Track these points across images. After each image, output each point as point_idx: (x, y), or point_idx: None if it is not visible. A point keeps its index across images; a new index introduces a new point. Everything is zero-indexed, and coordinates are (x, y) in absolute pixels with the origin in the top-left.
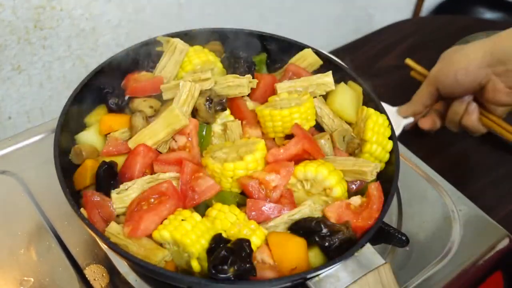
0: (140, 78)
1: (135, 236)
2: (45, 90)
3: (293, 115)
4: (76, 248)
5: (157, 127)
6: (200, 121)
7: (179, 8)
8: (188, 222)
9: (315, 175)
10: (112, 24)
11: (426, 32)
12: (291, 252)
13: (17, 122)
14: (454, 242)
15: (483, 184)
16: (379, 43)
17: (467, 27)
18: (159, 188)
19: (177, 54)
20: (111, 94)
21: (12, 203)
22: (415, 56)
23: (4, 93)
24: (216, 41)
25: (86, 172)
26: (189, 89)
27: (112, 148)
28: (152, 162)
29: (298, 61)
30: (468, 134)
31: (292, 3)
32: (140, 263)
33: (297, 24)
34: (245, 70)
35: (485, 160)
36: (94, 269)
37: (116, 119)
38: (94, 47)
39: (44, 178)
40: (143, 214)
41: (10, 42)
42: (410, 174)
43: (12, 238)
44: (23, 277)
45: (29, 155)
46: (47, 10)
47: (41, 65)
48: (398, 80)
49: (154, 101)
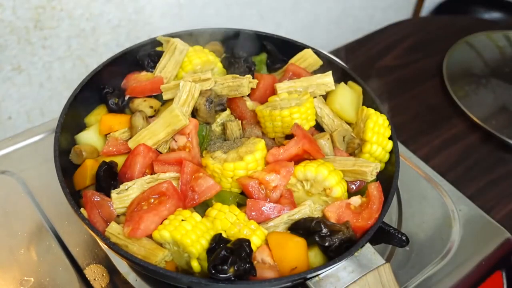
0: (140, 78)
1: (135, 236)
2: (45, 90)
3: (293, 115)
4: (76, 248)
5: (157, 127)
6: (200, 121)
7: (179, 8)
8: (188, 222)
9: (315, 175)
10: (112, 24)
11: (426, 32)
12: (291, 252)
13: (17, 122)
14: (454, 242)
15: (483, 184)
16: (379, 43)
17: (467, 27)
18: (159, 188)
19: (177, 54)
20: (111, 94)
21: (12, 203)
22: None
23: (4, 93)
24: (216, 41)
25: (86, 172)
26: (189, 89)
27: (112, 148)
28: (152, 162)
29: (298, 61)
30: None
31: (292, 3)
32: (140, 263)
33: (297, 24)
34: (245, 70)
35: (485, 160)
36: (94, 269)
37: (116, 119)
38: (94, 47)
39: (44, 178)
40: (143, 214)
41: (11, 42)
42: (410, 174)
43: (12, 238)
44: (23, 276)
45: (29, 155)
46: (47, 10)
47: (41, 65)
48: (398, 80)
49: (154, 101)
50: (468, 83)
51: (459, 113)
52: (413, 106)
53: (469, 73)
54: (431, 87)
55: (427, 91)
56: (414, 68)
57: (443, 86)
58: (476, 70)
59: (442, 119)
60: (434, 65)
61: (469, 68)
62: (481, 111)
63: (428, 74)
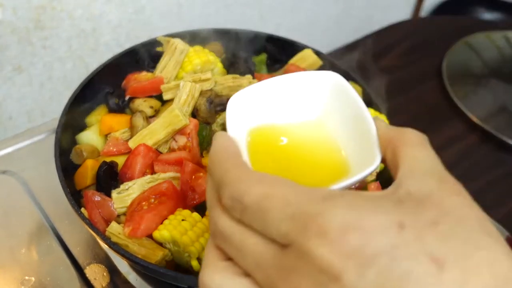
0: (140, 78)
1: (136, 236)
2: (46, 90)
3: None
4: (76, 247)
5: (157, 127)
6: (200, 121)
7: (179, 8)
8: (188, 221)
9: None
10: (112, 25)
11: (426, 32)
12: None
13: (17, 122)
14: None
15: (483, 184)
16: (379, 43)
17: (467, 28)
18: (159, 188)
19: (177, 54)
20: (112, 94)
21: (12, 203)
22: (415, 56)
23: (5, 93)
24: (216, 41)
25: (87, 172)
26: (189, 90)
27: (113, 148)
28: (152, 162)
29: (298, 61)
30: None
31: (292, 3)
32: (140, 262)
33: (297, 24)
34: (245, 70)
35: (485, 160)
36: (95, 268)
37: (116, 119)
38: (95, 47)
39: (45, 178)
40: (143, 214)
41: (11, 43)
42: None
43: (13, 238)
44: (24, 276)
45: (29, 155)
46: (47, 10)
47: (42, 65)
48: (398, 80)
49: (155, 101)
50: (468, 83)
51: (458, 113)
52: (413, 106)
53: (469, 73)
54: (430, 87)
55: (426, 92)
56: (414, 68)
57: (443, 86)
58: (476, 71)
59: (442, 119)
60: (434, 65)
61: (469, 69)
62: (481, 112)
63: (428, 74)
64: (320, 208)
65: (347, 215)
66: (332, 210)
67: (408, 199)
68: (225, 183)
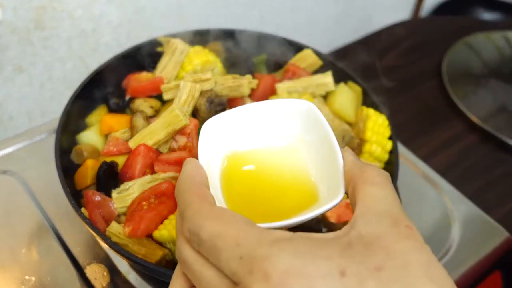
0: (140, 79)
1: (136, 236)
2: (46, 90)
3: None
4: (77, 247)
5: (158, 127)
6: (200, 121)
7: (179, 8)
8: None
9: None
10: (112, 25)
11: (425, 32)
12: None
13: (18, 122)
14: (453, 241)
15: (482, 184)
16: (379, 43)
17: (466, 28)
18: (159, 188)
19: (177, 54)
20: (112, 94)
21: (13, 203)
22: (415, 56)
23: (5, 93)
24: (216, 41)
25: (87, 172)
26: (189, 90)
27: (113, 148)
28: (152, 162)
29: (298, 61)
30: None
31: (292, 3)
32: (140, 262)
33: (297, 24)
34: (245, 70)
35: (485, 160)
36: (95, 268)
37: (116, 119)
38: (95, 47)
39: (45, 178)
40: (143, 214)
41: (11, 43)
42: (409, 174)
43: (14, 237)
44: (24, 276)
45: (30, 155)
46: (48, 10)
47: (42, 65)
48: (398, 80)
49: (155, 101)
50: (467, 83)
51: (458, 113)
52: (413, 106)
53: (469, 73)
54: (430, 87)
55: (426, 92)
56: (414, 68)
57: (443, 86)
58: (475, 71)
59: (442, 119)
60: (434, 65)
61: (469, 69)
62: (481, 112)
63: (428, 74)
64: (267, 252)
65: (291, 261)
66: (278, 255)
67: (357, 242)
68: (186, 215)
